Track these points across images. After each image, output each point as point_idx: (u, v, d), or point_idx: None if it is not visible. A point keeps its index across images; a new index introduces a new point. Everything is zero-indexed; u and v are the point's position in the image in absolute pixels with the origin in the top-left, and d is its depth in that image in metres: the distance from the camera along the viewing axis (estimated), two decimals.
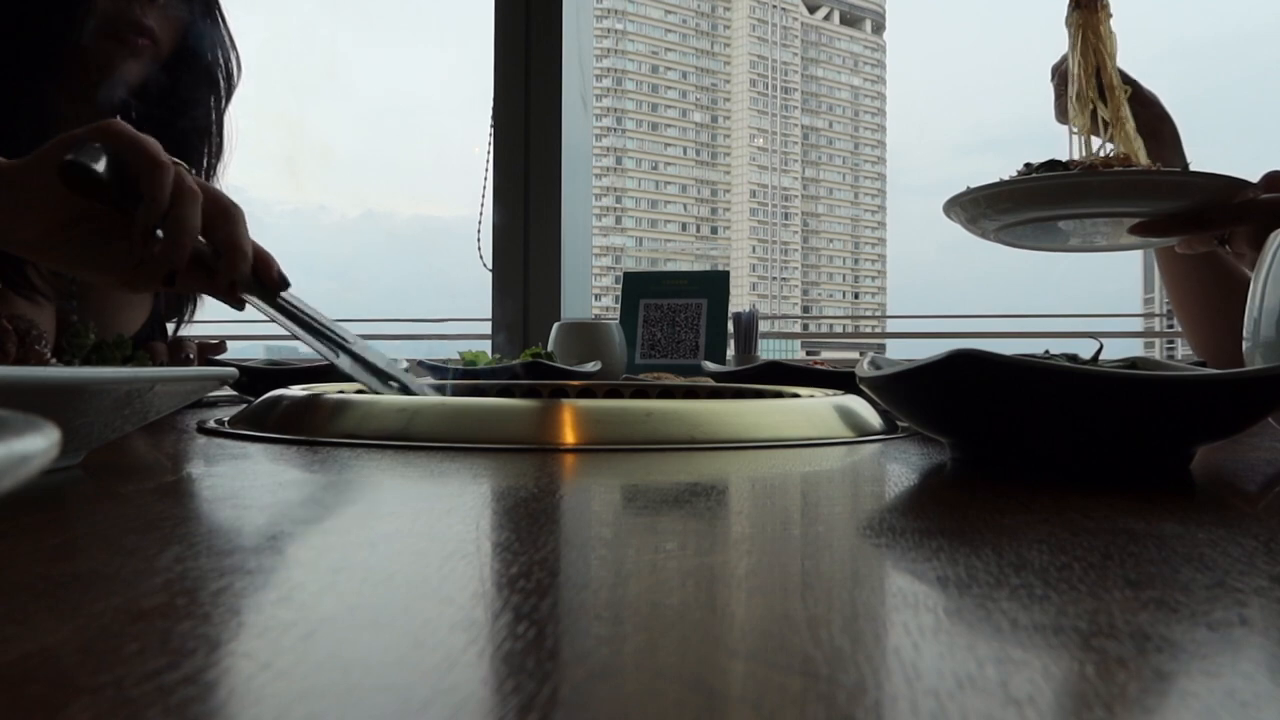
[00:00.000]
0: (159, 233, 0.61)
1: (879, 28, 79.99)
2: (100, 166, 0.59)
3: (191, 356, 0.92)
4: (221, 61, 0.98)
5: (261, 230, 0.98)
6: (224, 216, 0.64)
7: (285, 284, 0.67)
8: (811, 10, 79.49)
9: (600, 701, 0.15)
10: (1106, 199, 0.80)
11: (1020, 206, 0.82)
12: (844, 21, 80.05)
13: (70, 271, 0.69)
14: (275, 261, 0.68)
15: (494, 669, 0.16)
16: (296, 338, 0.66)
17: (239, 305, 0.66)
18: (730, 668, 0.17)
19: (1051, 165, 0.83)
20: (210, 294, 0.66)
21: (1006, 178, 0.82)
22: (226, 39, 0.97)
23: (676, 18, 75.19)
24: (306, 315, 0.67)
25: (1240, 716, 0.15)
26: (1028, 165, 0.84)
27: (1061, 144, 0.90)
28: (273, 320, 0.67)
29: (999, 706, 0.14)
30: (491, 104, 1.92)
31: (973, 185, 0.85)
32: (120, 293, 1.00)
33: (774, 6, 76.15)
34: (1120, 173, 0.80)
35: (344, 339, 0.67)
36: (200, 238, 0.63)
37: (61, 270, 0.71)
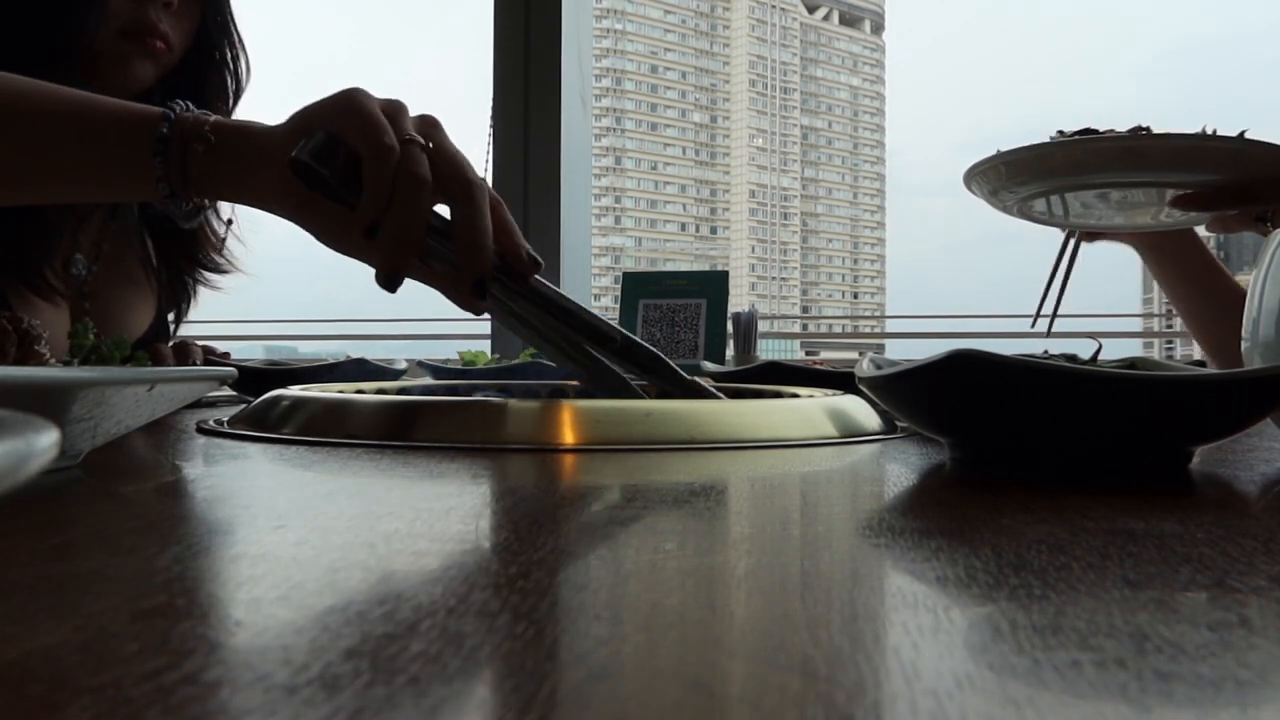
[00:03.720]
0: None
1: (878, 28, 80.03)
2: (325, 166, 0.55)
3: (197, 362, 0.92)
4: (231, 64, 0.98)
5: (261, 229, 0.97)
6: (462, 197, 0.56)
7: (536, 265, 0.57)
8: (811, 10, 79.54)
9: (599, 702, 0.15)
10: (1153, 166, 0.75)
11: (1054, 174, 0.77)
12: (843, 21, 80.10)
13: (317, 237, 0.61)
14: (521, 239, 0.57)
15: (494, 669, 0.16)
16: (544, 354, 0.57)
17: (477, 310, 0.57)
18: (730, 668, 0.17)
19: (1087, 133, 0.78)
20: (445, 294, 0.58)
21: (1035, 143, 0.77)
22: (237, 41, 0.97)
23: (676, 18, 75.23)
24: (567, 306, 0.57)
25: (1240, 717, 0.15)
26: (1060, 133, 0.80)
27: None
28: (512, 329, 0.57)
29: (998, 706, 0.14)
30: (491, 104, 1.92)
31: (1003, 149, 0.79)
32: (129, 294, 1.00)
33: (773, 6, 76.20)
34: (1172, 137, 0.74)
35: (611, 334, 0.57)
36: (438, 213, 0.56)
37: (308, 231, 0.62)
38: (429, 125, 0.58)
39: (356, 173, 0.55)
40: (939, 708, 0.14)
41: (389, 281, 0.55)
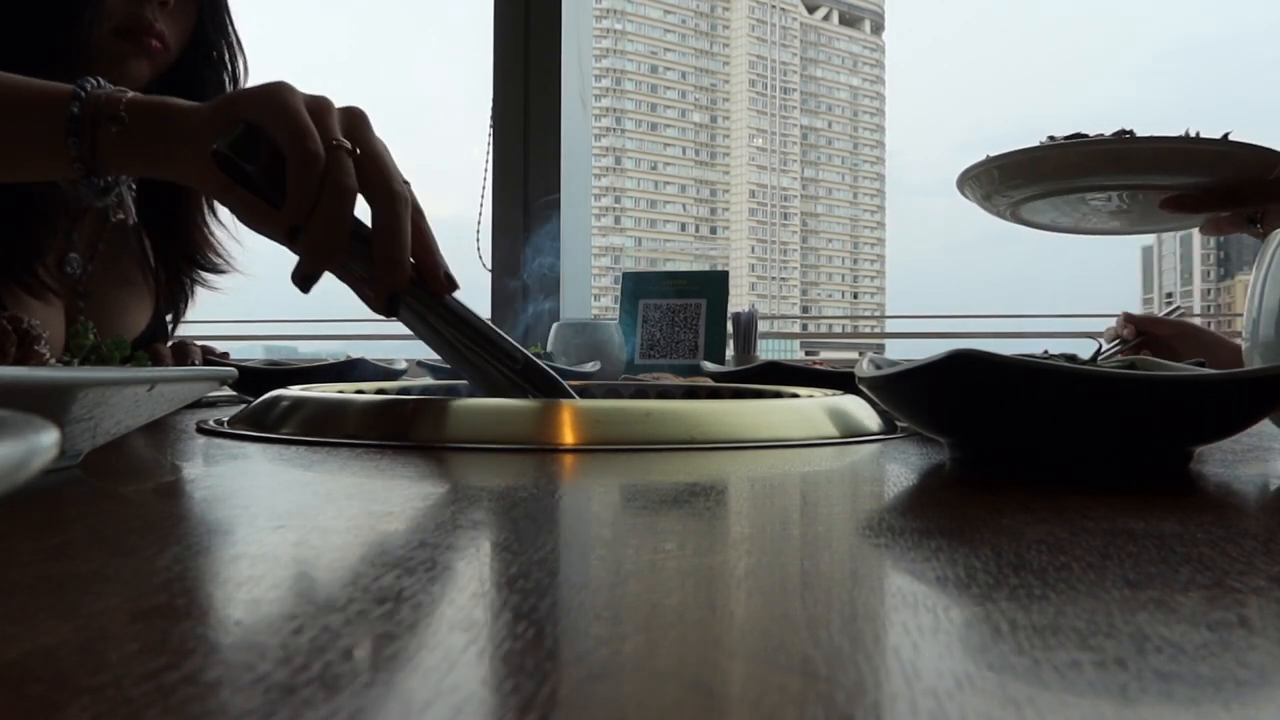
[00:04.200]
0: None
1: (878, 28, 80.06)
2: (248, 160, 0.55)
3: (196, 362, 0.91)
4: (229, 64, 0.97)
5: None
6: (384, 206, 0.56)
7: (453, 285, 0.59)
8: (810, 10, 79.57)
9: (599, 702, 0.15)
10: (1142, 169, 0.76)
11: (1045, 177, 0.78)
12: (843, 21, 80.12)
13: (239, 219, 0.61)
14: (440, 257, 0.58)
15: (494, 669, 0.16)
16: (453, 366, 0.58)
17: (390, 315, 0.58)
18: (730, 668, 0.17)
19: (1077, 138, 0.79)
20: (359, 295, 0.59)
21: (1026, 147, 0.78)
22: (234, 41, 0.97)
23: (676, 18, 75.26)
24: (477, 325, 0.58)
25: (1240, 717, 0.15)
26: (1051, 138, 0.81)
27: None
28: (422, 337, 0.58)
29: (997, 707, 0.14)
30: (491, 104, 1.92)
31: (992, 154, 0.80)
32: (125, 294, 1.00)
33: (773, 6, 76.22)
34: (1157, 139, 0.76)
35: (514, 354, 0.59)
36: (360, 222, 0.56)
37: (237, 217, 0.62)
38: (355, 120, 0.58)
39: (279, 170, 0.55)
40: (939, 708, 0.14)
41: (304, 282, 0.56)
